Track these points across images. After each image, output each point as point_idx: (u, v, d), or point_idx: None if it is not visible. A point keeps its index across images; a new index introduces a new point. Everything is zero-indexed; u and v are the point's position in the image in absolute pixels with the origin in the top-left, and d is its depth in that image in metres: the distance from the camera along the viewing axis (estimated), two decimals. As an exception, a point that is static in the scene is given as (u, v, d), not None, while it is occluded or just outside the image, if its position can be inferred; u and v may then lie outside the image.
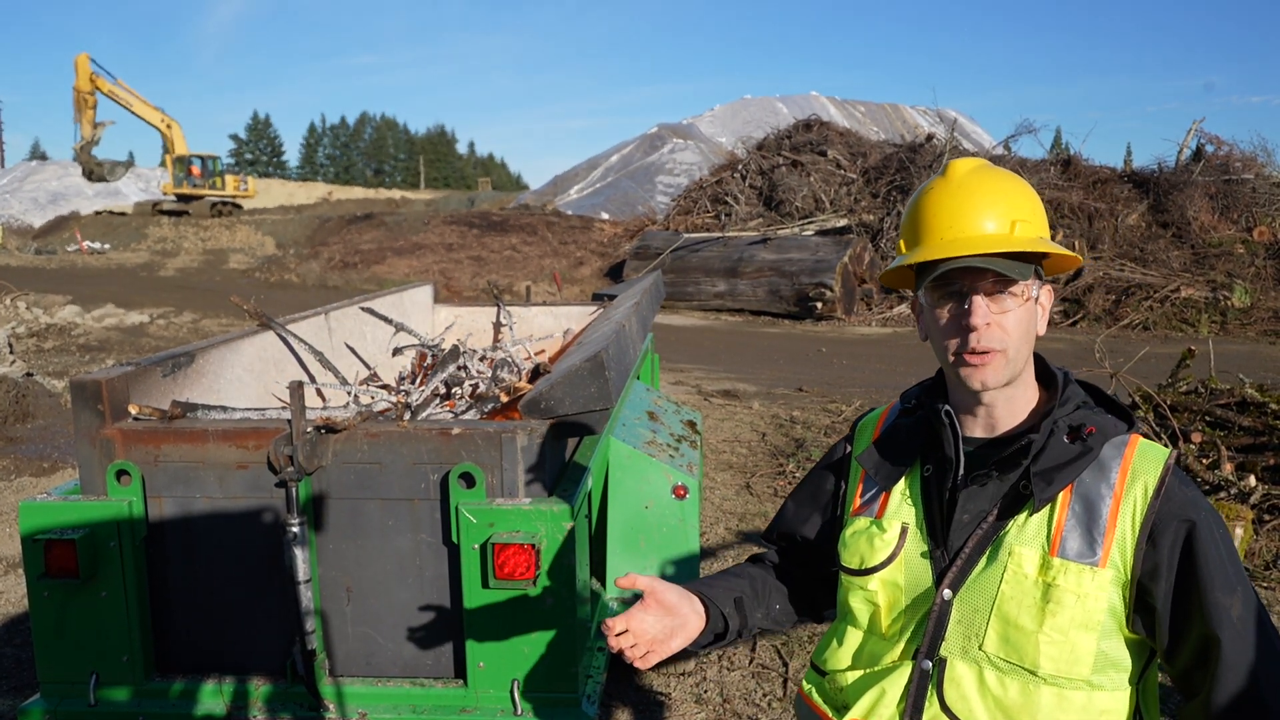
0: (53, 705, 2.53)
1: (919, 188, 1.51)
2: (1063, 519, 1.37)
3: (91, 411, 2.50)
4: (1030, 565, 1.37)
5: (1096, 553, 1.35)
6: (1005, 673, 1.39)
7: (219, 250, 28.40)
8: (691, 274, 18.63)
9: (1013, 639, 1.38)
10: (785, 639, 4.31)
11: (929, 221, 1.45)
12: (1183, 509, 1.35)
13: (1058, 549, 1.36)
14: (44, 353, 12.58)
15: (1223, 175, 19.00)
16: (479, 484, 2.41)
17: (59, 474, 7.04)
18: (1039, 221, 1.44)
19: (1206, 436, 5.95)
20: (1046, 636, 1.35)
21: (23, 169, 60.23)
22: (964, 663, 1.41)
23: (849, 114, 45.05)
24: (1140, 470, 1.38)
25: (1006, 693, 1.38)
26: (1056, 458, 1.38)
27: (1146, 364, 8.13)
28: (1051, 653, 1.35)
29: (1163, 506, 1.35)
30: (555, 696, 2.47)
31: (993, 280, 1.39)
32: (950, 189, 1.45)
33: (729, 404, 9.55)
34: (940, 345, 1.44)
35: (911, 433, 1.55)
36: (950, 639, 1.42)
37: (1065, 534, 1.37)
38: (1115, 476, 1.37)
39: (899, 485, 1.54)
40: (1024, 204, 1.43)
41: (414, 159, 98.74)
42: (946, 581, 1.43)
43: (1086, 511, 1.37)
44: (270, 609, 2.54)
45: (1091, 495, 1.37)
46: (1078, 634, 1.35)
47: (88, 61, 32.06)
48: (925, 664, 1.43)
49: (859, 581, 1.53)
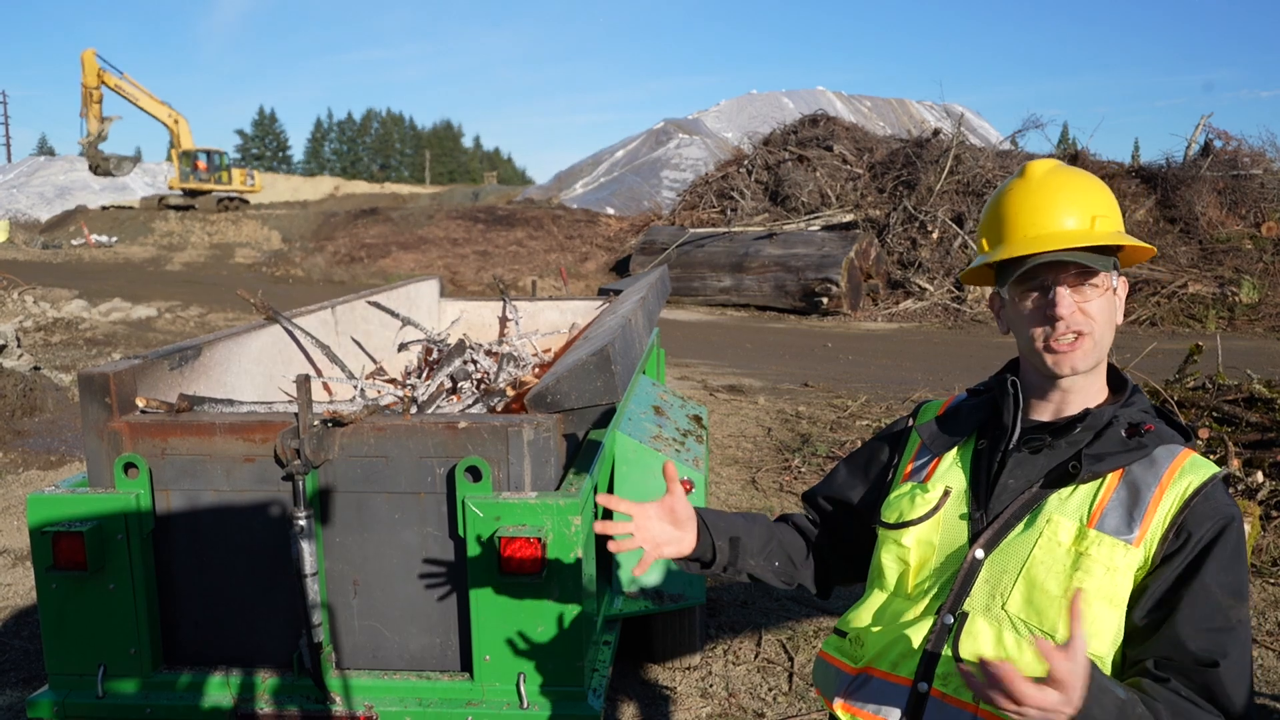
0: (61, 697, 2.54)
1: (998, 189, 1.57)
2: (1106, 498, 1.43)
3: (99, 405, 2.50)
4: (1066, 534, 1.42)
5: (1134, 531, 1.39)
6: (1023, 635, 1.41)
7: (225, 245, 28.46)
8: (697, 269, 18.61)
9: (1036, 601, 1.41)
10: (791, 634, 4.31)
11: (1011, 220, 1.51)
12: (1218, 511, 1.39)
13: (1096, 522, 1.41)
14: (51, 347, 12.62)
15: (1231, 170, 18.91)
16: (485, 478, 2.41)
17: (67, 467, 7.07)
18: (1116, 216, 1.51)
19: (1214, 432, 5.93)
20: (1069, 602, 1.37)
21: (30, 164, 60.41)
22: (985, 619, 1.45)
23: (855, 109, 44.91)
24: (1188, 471, 1.43)
25: (1022, 655, 1.40)
26: (1110, 444, 1.45)
27: (1154, 359, 8.11)
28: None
29: (1200, 504, 1.39)
30: (561, 690, 2.47)
31: (1075, 272, 1.45)
32: (1030, 188, 1.52)
33: (735, 399, 9.54)
34: (1026, 336, 1.50)
35: (973, 410, 1.63)
36: (975, 596, 1.47)
37: (1106, 511, 1.42)
38: (1164, 471, 1.43)
39: (950, 454, 1.61)
40: (1102, 200, 1.50)
41: (420, 153, 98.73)
42: (980, 541, 1.49)
43: (1131, 495, 1.42)
44: (277, 602, 2.55)
45: (1139, 482, 1.43)
46: (1101, 606, 1.38)
47: (94, 57, 32.11)
48: (948, 618, 1.48)
49: (894, 535, 1.58)
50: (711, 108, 44.78)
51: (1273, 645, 4.21)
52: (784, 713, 3.67)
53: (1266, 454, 5.74)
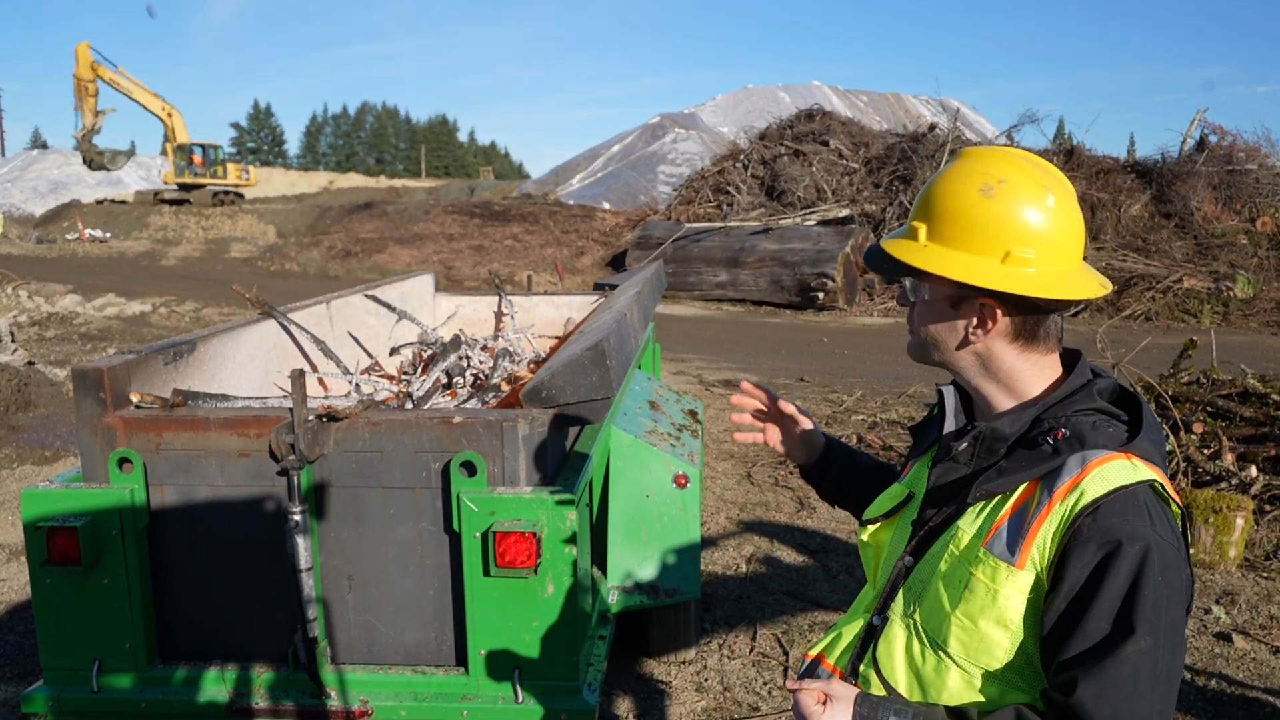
0: (56, 692, 2.54)
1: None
2: (1007, 515, 1.37)
3: (93, 400, 2.50)
4: (964, 549, 1.39)
5: (1015, 554, 1.33)
6: (925, 645, 1.42)
7: (220, 239, 28.38)
8: (693, 264, 18.61)
9: (934, 614, 1.41)
10: (786, 628, 4.32)
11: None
12: (1107, 533, 1.26)
13: (988, 541, 1.36)
14: (46, 341, 12.59)
15: (1226, 166, 18.93)
16: (480, 472, 2.42)
17: (61, 462, 7.06)
18: (940, 217, 1.48)
19: (1208, 427, 5.95)
20: (958, 620, 1.37)
21: (24, 158, 60.13)
22: (900, 626, 1.47)
23: (851, 104, 44.87)
24: (1087, 484, 1.30)
25: (924, 664, 1.42)
26: (1020, 455, 1.38)
27: (1149, 354, 8.12)
28: (961, 637, 1.37)
29: (1086, 524, 1.27)
30: (556, 684, 2.47)
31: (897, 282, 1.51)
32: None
33: (730, 394, 9.53)
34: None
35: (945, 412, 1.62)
36: (898, 601, 1.49)
37: (1001, 529, 1.36)
38: (1060, 485, 1.32)
39: (920, 457, 1.61)
40: (933, 207, 1.49)
41: (415, 148, 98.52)
42: (909, 548, 1.50)
43: (1022, 512, 1.35)
44: (272, 597, 2.55)
45: (1038, 498, 1.34)
46: (989, 627, 1.34)
47: (88, 49, 31.95)
48: (875, 619, 1.52)
49: (861, 531, 1.63)
50: (707, 102, 44.70)
51: (1265, 640, 4.23)
52: (779, 707, 3.68)
53: (1260, 448, 5.76)
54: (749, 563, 5.11)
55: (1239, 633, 4.28)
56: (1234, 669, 3.99)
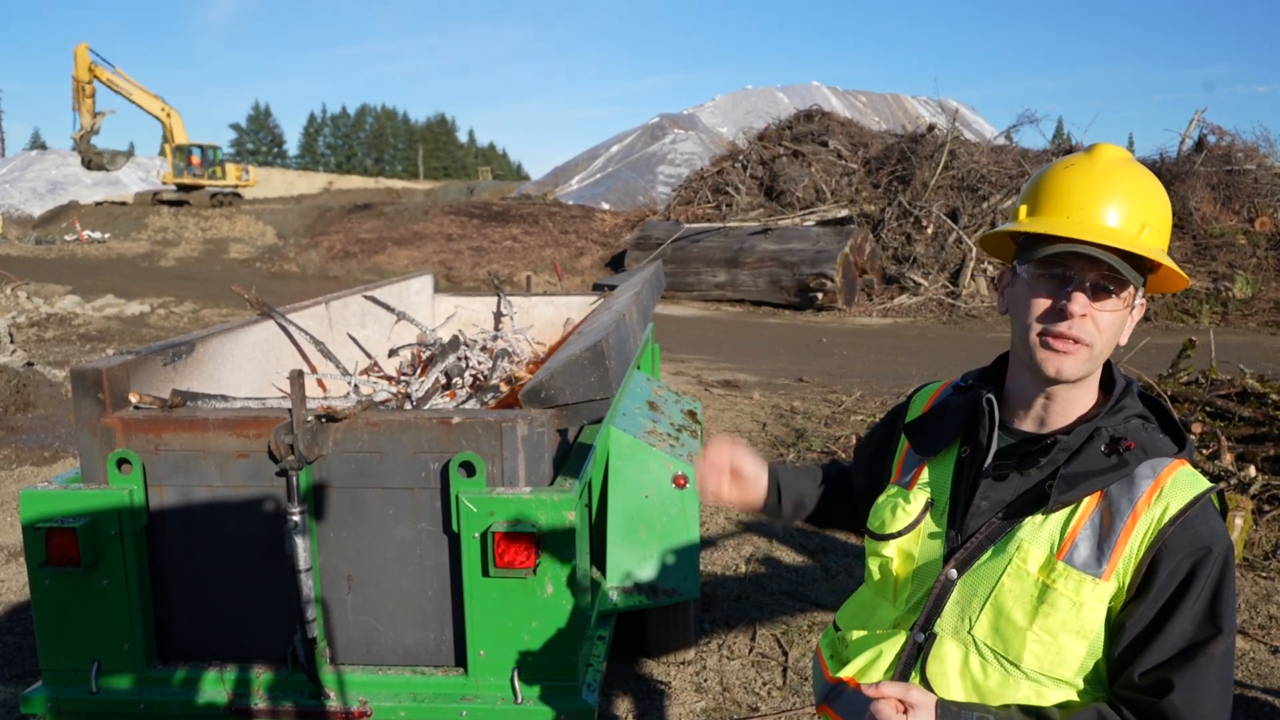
0: (54, 693, 2.54)
1: (1059, 160, 1.44)
2: (1079, 526, 1.36)
3: (92, 400, 2.50)
4: (1034, 563, 1.36)
5: (1102, 565, 1.33)
6: (988, 660, 1.40)
7: (219, 240, 28.36)
8: (692, 264, 18.60)
9: (1003, 630, 1.38)
10: (785, 628, 4.32)
11: (1061, 196, 1.39)
12: (1196, 541, 1.30)
13: (1065, 553, 1.35)
14: (44, 342, 12.58)
15: (1225, 166, 18.93)
16: (479, 473, 2.42)
17: (60, 463, 7.05)
18: (1165, 233, 1.40)
19: (1207, 427, 5.95)
20: (1035, 635, 1.35)
21: (22, 158, 60.09)
22: (953, 641, 1.43)
23: (850, 104, 44.88)
24: (1168, 494, 1.33)
25: (987, 679, 1.40)
26: (1087, 465, 1.36)
27: (1147, 354, 8.12)
28: (1038, 651, 1.36)
29: (1175, 535, 1.30)
30: (556, 684, 2.47)
31: (1103, 274, 1.34)
32: (1093, 171, 1.39)
33: (729, 394, 9.55)
34: (1024, 323, 1.39)
35: (958, 412, 1.55)
36: (945, 616, 1.44)
37: (1077, 541, 1.35)
38: (1140, 494, 1.34)
39: (934, 461, 1.55)
40: (1158, 211, 1.38)
41: (414, 148, 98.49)
42: (954, 561, 1.45)
43: (1104, 523, 1.34)
44: (271, 597, 2.55)
45: (1114, 508, 1.34)
46: (1068, 638, 1.35)
47: (87, 51, 31.95)
48: (919, 636, 1.47)
49: (878, 546, 1.57)
50: (707, 103, 44.70)
51: (1264, 639, 4.23)
52: (778, 707, 3.67)
53: (1259, 448, 5.76)
54: (748, 563, 5.11)
55: (1238, 632, 4.29)
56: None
